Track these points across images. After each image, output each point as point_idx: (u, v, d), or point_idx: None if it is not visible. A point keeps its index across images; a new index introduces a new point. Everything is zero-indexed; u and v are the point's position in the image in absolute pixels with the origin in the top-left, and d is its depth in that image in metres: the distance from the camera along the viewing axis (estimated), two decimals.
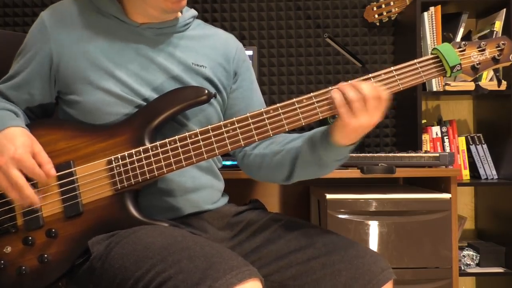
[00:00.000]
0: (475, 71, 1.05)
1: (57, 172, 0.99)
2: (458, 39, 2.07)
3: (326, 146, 1.00)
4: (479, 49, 1.05)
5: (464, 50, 1.04)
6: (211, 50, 1.16)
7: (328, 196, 1.53)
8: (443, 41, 2.04)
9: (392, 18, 2.01)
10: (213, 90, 1.11)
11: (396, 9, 1.95)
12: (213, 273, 0.79)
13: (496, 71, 1.12)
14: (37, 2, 2.25)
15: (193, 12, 1.19)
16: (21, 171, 0.94)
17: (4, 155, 0.93)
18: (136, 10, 1.09)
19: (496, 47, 1.04)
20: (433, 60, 1.03)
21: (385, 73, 0.99)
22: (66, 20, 1.08)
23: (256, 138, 0.99)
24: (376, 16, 2.00)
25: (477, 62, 1.04)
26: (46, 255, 0.98)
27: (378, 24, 2.04)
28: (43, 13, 1.10)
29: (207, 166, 1.14)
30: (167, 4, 1.05)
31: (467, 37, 2.12)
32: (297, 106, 0.99)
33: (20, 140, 0.95)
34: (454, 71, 1.02)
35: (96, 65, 1.05)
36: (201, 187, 1.11)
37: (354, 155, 1.62)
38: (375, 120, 0.95)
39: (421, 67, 1.02)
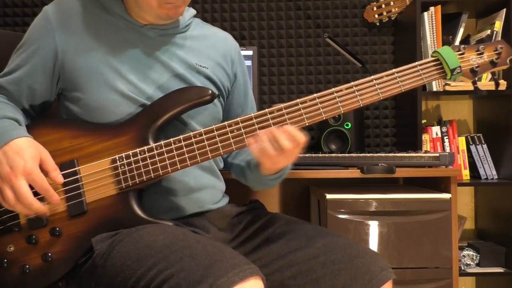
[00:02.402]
0: (474, 73, 1.07)
1: (61, 170, 0.99)
2: (458, 39, 2.07)
3: (258, 175, 1.12)
4: (477, 52, 1.07)
5: (463, 54, 1.07)
6: (211, 51, 1.17)
7: (328, 196, 1.53)
8: (443, 44, 2.04)
9: (392, 18, 2.01)
10: (215, 90, 1.12)
11: (396, 9, 1.96)
12: (215, 271, 0.79)
13: (494, 74, 1.16)
14: (37, 2, 2.25)
15: (192, 11, 1.19)
16: (29, 184, 0.94)
17: (14, 169, 0.92)
18: (137, 13, 1.09)
19: (494, 51, 1.07)
20: (434, 63, 1.06)
21: (387, 75, 1.02)
22: (72, 16, 1.07)
23: None
24: (376, 16, 2.00)
25: (476, 65, 1.07)
26: (50, 254, 0.98)
27: (378, 24, 2.04)
28: (47, 7, 1.08)
29: (209, 166, 1.14)
30: (162, 11, 1.05)
31: (465, 40, 2.13)
32: (300, 106, 1.00)
33: (28, 153, 0.94)
34: (454, 73, 1.05)
35: (102, 63, 1.05)
36: (203, 187, 1.11)
37: (354, 155, 1.62)
38: (293, 160, 1.04)
39: (422, 69, 1.05)
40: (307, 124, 1.00)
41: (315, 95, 1.00)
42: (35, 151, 0.96)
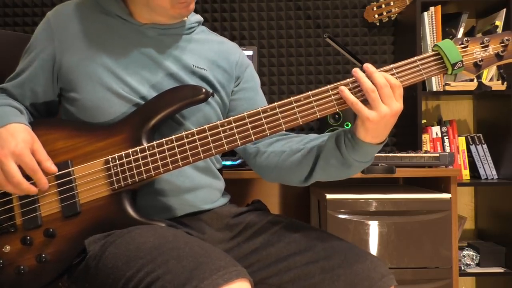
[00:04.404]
0: (477, 68, 1.01)
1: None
2: None
3: (352, 145, 0.97)
4: (482, 45, 1.01)
5: (466, 47, 1.01)
6: (212, 53, 1.17)
7: (328, 196, 1.53)
8: (444, 38, 2.03)
9: (392, 18, 2.01)
10: (210, 90, 1.11)
11: (396, 9, 1.96)
12: (200, 273, 0.79)
13: (500, 67, 1.09)
14: (37, 2, 2.25)
15: (198, 17, 1.19)
16: (19, 166, 0.95)
17: (5, 148, 0.95)
18: (142, 14, 1.09)
19: (500, 43, 1.00)
20: (434, 57, 1.00)
21: (385, 71, 0.96)
22: (71, 20, 1.09)
23: (253, 137, 0.98)
24: (376, 16, 2.00)
25: (480, 59, 1.00)
26: (44, 255, 0.98)
27: (378, 24, 2.04)
28: (49, 13, 1.12)
29: (204, 166, 1.13)
30: (175, 11, 1.05)
31: (469, 33, 2.11)
32: (294, 105, 0.98)
33: (21, 136, 0.97)
34: (455, 68, 0.99)
35: (98, 63, 1.06)
36: (198, 187, 1.10)
37: None
38: (396, 110, 0.93)
39: (421, 64, 0.98)
40: (301, 123, 0.98)
41: (309, 92, 0.98)
42: (28, 136, 0.98)
